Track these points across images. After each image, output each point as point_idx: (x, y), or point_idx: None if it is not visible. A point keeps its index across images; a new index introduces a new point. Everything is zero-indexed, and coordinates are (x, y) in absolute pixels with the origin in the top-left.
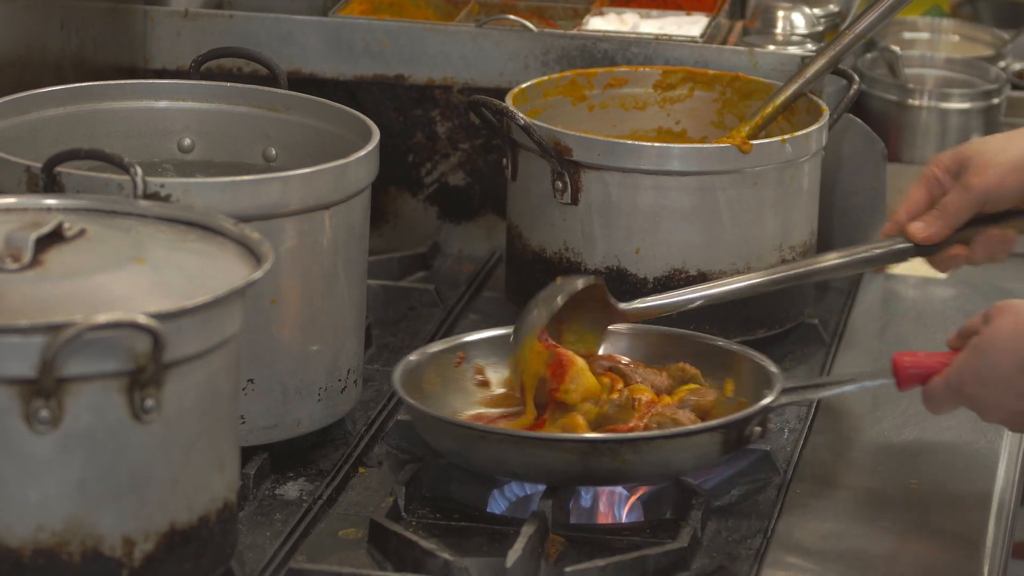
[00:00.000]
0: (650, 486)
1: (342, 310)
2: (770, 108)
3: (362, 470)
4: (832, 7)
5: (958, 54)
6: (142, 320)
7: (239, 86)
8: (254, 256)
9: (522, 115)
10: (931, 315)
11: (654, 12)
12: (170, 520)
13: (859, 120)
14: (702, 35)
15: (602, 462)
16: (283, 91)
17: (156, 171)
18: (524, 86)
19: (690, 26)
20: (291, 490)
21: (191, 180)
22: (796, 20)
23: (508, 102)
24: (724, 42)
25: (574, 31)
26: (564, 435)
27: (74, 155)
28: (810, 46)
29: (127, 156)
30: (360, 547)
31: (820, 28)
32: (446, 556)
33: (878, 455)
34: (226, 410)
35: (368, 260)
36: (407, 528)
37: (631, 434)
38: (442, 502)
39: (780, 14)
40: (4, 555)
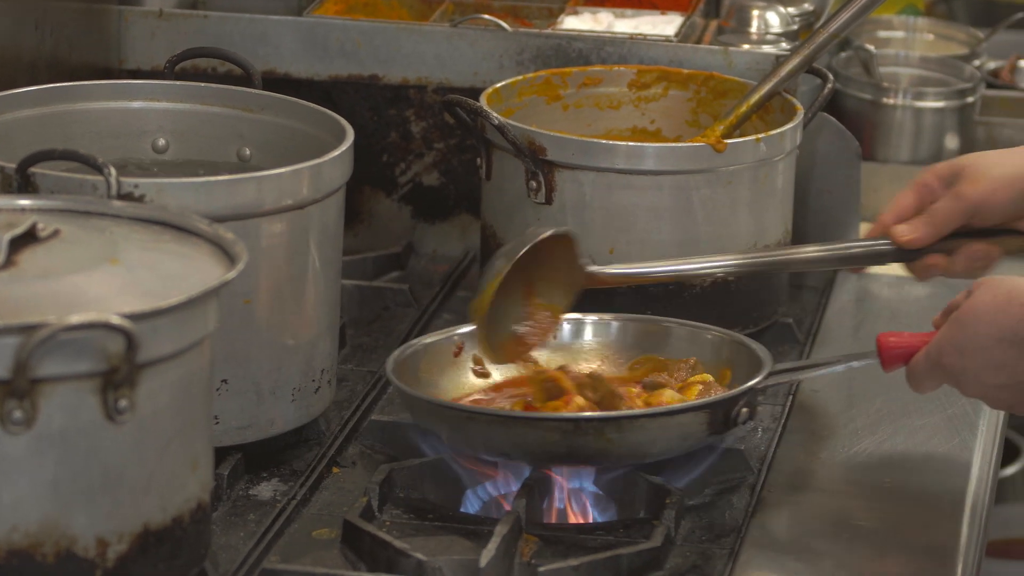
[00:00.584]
0: (636, 465)
1: (316, 310)
2: (744, 107)
3: (336, 470)
4: (806, 6)
5: (933, 53)
6: (116, 321)
7: (213, 86)
8: (228, 256)
9: (496, 115)
10: (906, 314)
11: (628, 11)
12: (144, 521)
13: (833, 119)
14: (676, 34)
15: (586, 441)
16: (257, 91)
17: (130, 171)
18: (498, 86)
19: (664, 25)
20: (265, 490)
21: (165, 180)
22: (770, 19)
23: (482, 102)
24: (699, 41)
25: (548, 31)
26: (548, 414)
27: (48, 156)
28: (784, 45)
29: (101, 156)
30: (334, 547)
31: (794, 27)
32: (420, 556)
33: (852, 454)
34: (200, 410)
35: (342, 260)
36: (381, 528)
37: (615, 412)
38: (416, 502)
39: (755, 13)
40: None
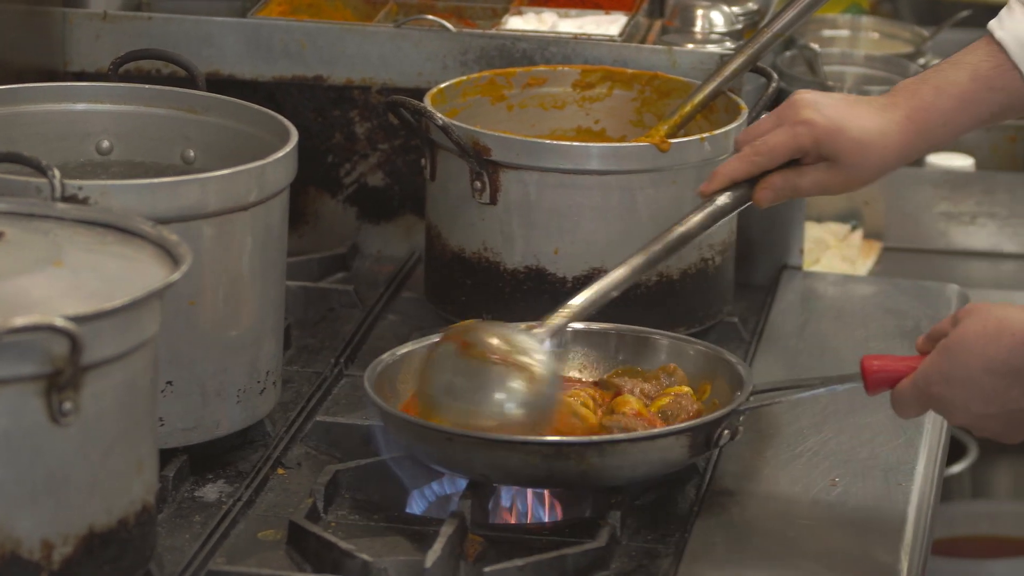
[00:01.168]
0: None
1: (261, 312)
2: (689, 107)
3: (281, 471)
4: (751, 5)
5: (877, 51)
6: (60, 323)
7: (157, 88)
8: (172, 258)
9: (440, 115)
10: (851, 312)
11: (573, 11)
12: (89, 523)
13: None
14: (621, 34)
15: (568, 465)
16: (201, 93)
17: (74, 174)
18: (442, 86)
19: (609, 25)
20: (210, 492)
21: (109, 183)
22: (715, 18)
23: (426, 102)
24: (643, 41)
25: (493, 31)
26: (530, 438)
27: None
28: (729, 44)
29: (45, 159)
30: (279, 548)
31: (739, 26)
32: (365, 557)
33: (797, 453)
34: (145, 412)
35: (287, 261)
36: (326, 529)
37: (596, 437)
38: (361, 503)
39: (699, 12)
40: None
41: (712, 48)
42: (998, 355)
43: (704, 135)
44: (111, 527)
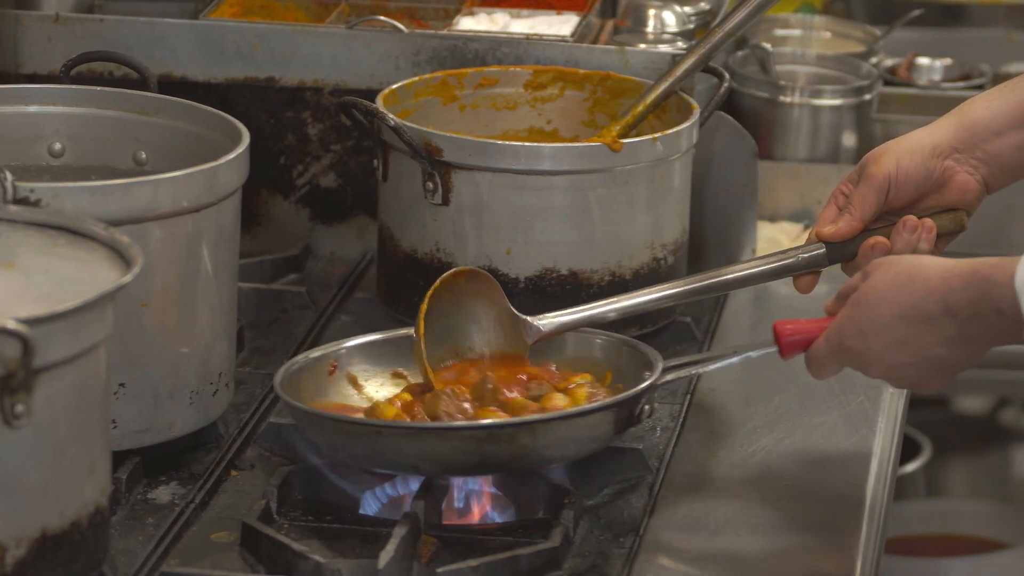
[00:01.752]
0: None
1: (213, 313)
2: (641, 107)
3: (234, 473)
4: (703, 5)
5: (830, 51)
6: (11, 326)
7: (109, 90)
8: (124, 260)
9: (392, 116)
10: (804, 312)
11: (524, 12)
12: (41, 525)
13: (730, 118)
14: (572, 34)
15: (500, 448)
16: (153, 95)
17: (26, 176)
18: (395, 87)
19: (561, 25)
20: (163, 494)
21: (61, 185)
22: (667, 18)
23: (378, 103)
24: (595, 41)
25: (444, 32)
26: (461, 423)
27: None
28: (681, 44)
29: None
30: (232, 550)
31: (691, 26)
32: (318, 558)
33: (750, 452)
34: (97, 415)
35: (239, 263)
36: (279, 531)
37: (528, 417)
38: (314, 504)
39: (651, 12)
40: None
41: (664, 48)
42: (909, 300)
43: (656, 135)
44: (64, 529)
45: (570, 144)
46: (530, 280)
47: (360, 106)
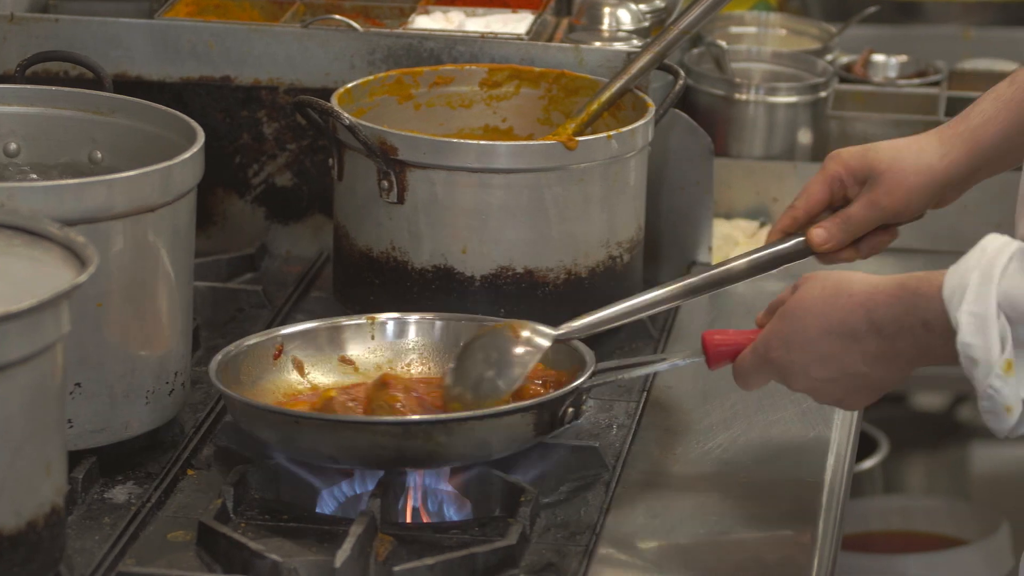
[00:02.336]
0: (467, 467)
1: (169, 312)
2: (596, 104)
3: (191, 472)
4: (658, 3)
5: (785, 48)
6: None
7: (64, 89)
8: (79, 260)
9: (347, 115)
10: (759, 309)
11: (480, 10)
12: None
13: (685, 115)
14: (528, 32)
15: (416, 444)
16: (108, 94)
17: None
18: (350, 86)
19: (516, 24)
20: (120, 494)
21: (16, 184)
22: (622, 16)
23: (333, 102)
24: (550, 39)
25: (400, 30)
26: (377, 418)
27: None
28: (636, 42)
29: None
30: (189, 549)
31: (646, 24)
32: (275, 557)
33: (707, 450)
34: (53, 414)
35: (195, 262)
36: (236, 530)
37: (444, 415)
38: (271, 503)
39: (606, 10)
40: None
41: (619, 46)
42: (836, 316)
43: (611, 133)
44: (20, 529)
45: (525, 142)
46: (486, 279)
47: (315, 105)
